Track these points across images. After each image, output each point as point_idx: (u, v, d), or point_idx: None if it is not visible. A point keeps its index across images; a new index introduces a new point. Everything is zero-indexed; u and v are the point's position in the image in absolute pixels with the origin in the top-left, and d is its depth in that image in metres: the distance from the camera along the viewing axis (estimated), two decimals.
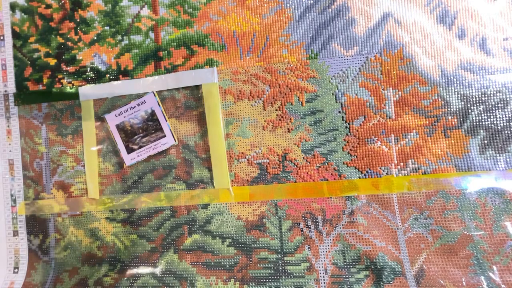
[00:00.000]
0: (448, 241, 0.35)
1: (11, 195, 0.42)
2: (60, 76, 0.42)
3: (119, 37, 0.41)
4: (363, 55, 0.38)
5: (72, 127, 0.41)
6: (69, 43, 0.42)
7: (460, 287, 0.34)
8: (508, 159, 0.35)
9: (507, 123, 0.35)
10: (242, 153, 0.39)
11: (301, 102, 0.38)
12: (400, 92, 0.37)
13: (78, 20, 0.42)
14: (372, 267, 0.36)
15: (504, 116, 0.35)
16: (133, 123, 0.38)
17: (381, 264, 0.35)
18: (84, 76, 0.42)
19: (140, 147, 0.38)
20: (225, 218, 0.38)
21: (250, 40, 0.39)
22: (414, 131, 0.36)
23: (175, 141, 0.39)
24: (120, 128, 0.38)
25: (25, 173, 0.42)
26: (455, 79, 0.36)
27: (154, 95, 0.38)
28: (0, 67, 0.43)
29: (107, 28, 0.42)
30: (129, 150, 0.39)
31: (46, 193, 0.42)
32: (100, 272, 0.40)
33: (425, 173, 0.36)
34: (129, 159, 0.39)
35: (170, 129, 0.38)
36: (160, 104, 0.38)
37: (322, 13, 0.38)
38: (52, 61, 0.42)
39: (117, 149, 0.39)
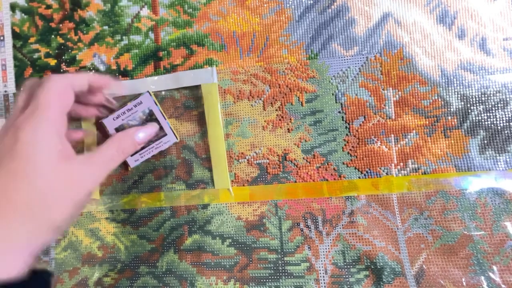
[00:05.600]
0: (448, 241, 0.35)
1: None
2: None
3: (118, 37, 0.41)
4: (363, 55, 0.38)
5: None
6: (69, 44, 0.42)
7: (460, 287, 0.34)
8: (508, 159, 0.35)
9: (507, 123, 0.35)
10: (242, 153, 0.39)
11: (301, 102, 0.38)
12: (400, 92, 0.37)
13: (77, 20, 0.42)
14: (372, 267, 0.36)
15: (504, 116, 0.35)
16: (132, 124, 0.38)
17: (381, 264, 0.35)
18: None
19: (142, 147, 0.38)
20: (225, 218, 0.38)
21: (250, 40, 0.39)
22: (414, 131, 0.36)
23: (177, 139, 0.39)
24: (120, 131, 0.38)
25: None
26: (455, 79, 0.36)
27: (150, 95, 0.37)
28: (0, 68, 0.43)
29: (106, 28, 0.42)
30: None
31: None
32: (100, 272, 0.40)
33: (425, 173, 0.36)
34: (132, 160, 0.39)
35: (170, 127, 0.38)
36: (157, 103, 0.38)
37: (322, 13, 0.38)
38: (52, 62, 0.42)
39: None
